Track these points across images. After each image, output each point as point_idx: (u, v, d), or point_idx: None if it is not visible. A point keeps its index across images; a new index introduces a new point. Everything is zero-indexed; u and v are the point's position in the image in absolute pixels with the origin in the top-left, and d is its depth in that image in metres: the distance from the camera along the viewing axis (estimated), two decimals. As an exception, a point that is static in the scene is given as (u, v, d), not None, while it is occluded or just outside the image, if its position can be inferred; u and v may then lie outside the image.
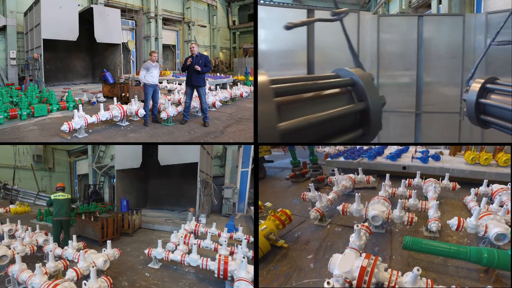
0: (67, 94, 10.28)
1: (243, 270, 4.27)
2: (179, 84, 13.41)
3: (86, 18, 15.49)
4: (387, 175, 6.66)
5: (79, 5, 15.30)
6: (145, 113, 8.44)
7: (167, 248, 5.97)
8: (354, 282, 3.18)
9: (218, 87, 13.54)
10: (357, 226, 3.92)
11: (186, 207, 12.36)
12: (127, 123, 8.51)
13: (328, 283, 3.14)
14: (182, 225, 7.45)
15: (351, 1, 24.34)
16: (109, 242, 5.43)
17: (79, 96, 11.05)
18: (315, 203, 5.70)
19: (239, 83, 14.98)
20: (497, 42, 5.23)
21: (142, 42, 22.37)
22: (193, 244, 5.53)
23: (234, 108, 11.16)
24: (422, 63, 8.71)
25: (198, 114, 9.42)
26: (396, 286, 3.20)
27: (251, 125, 8.64)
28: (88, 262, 4.75)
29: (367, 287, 3.16)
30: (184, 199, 13.71)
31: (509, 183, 5.70)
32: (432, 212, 4.90)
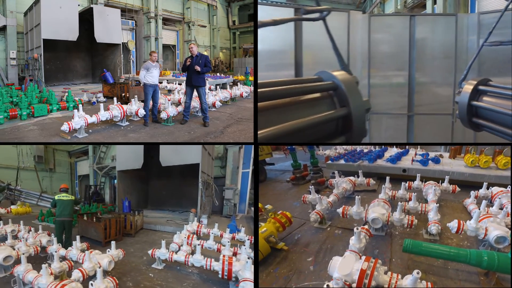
0: (67, 94, 10.27)
1: (248, 270, 4.29)
2: (179, 84, 13.40)
3: (86, 18, 15.47)
4: (387, 178, 6.65)
5: (79, 5, 15.28)
6: (145, 113, 8.43)
7: (170, 249, 5.99)
8: (354, 285, 3.16)
9: (218, 87, 13.53)
10: (357, 229, 3.91)
11: (187, 208, 12.38)
12: (127, 123, 8.51)
13: (328, 286, 3.14)
14: (184, 225, 7.46)
15: (346, 0, 24.26)
16: (113, 243, 5.45)
17: (79, 96, 11.04)
18: (315, 205, 5.69)
19: (239, 83, 14.97)
20: (489, 43, 5.17)
21: (142, 42, 22.35)
22: (196, 244, 5.54)
23: (234, 108, 11.15)
24: (414, 63, 8.56)
25: (198, 114, 9.41)
26: (396, 289, 3.19)
27: (251, 125, 8.64)
28: (93, 262, 4.76)
29: (366, 291, 3.15)
30: (185, 200, 13.71)
31: (509, 186, 5.70)
32: (432, 215, 4.89)
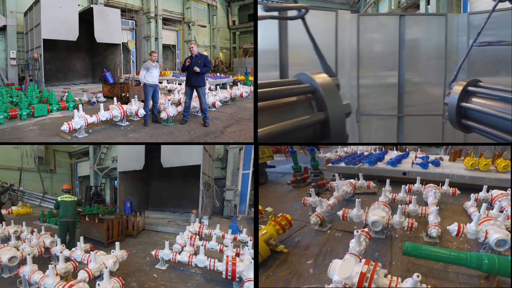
0: (67, 94, 10.26)
1: (252, 271, 4.29)
2: (179, 84, 13.39)
3: (86, 18, 15.44)
4: (388, 181, 6.66)
5: (79, 5, 15.25)
6: (145, 113, 8.43)
7: (174, 250, 6.00)
8: (354, 288, 3.17)
9: (218, 87, 13.53)
10: (357, 232, 3.90)
11: (188, 209, 12.41)
12: (127, 123, 8.51)
13: (327, 289, 3.14)
14: (187, 226, 7.49)
15: (340, 0, 24.19)
16: (117, 244, 5.48)
17: (79, 96, 11.03)
18: (315, 208, 5.69)
19: (239, 83, 14.97)
20: (478, 43, 5.16)
21: (142, 42, 22.33)
22: (199, 245, 5.55)
23: (234, 108, 11.15)
24: (404, 64, 8.43)
25: (198, 114, 9.40)
26: (396, 293, 3.19)
27: (251, 125, 8.64)
28: (99, 263, 4.77)
29: (366, 293, 3.15)
30: (185, 201, 13.72)
31: (508, 189, 5.70)
32: (432, 218, 4.89)
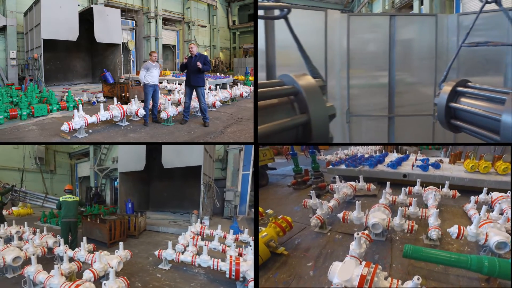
0: (67, 94, 10.26)
1: None
2: (179, 84, 13.38)
3: (86, 18, 15.44)
4: (388, 183, 6.64)
5: (79, 5, 15.26)
6: (145, 113, 8.44)
7: (176, 250, 6.02)
8: (354, 291, 3.17)
9: (218, 87, 13.54)
10: (357, 234, 3.90)
11: (188, 209, 12.43)
12: (127, 123, 8.51)
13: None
14: (189, 227, 7.51)
15: (334, 0, 24.20)
16: (121, 244, 5.50)
17: (79, 96, 11.03)
18: (316, 210, 5.69)
19: (239, 83, 14.97)
20: (467, 44, 5.18)
21: (142, 42, 22.32)
22: (202, 245, 5.56)
23: (234, 108, 11.15)
24: (395, 64, 8.40)
25: (198, 114, 9.40)
26: (396, 295, 3.19)
27: (251, 125, 8.64)
28: (104, 263, 4.78)
29: (367, 296, 3.14)
30: (186, 201, 13.72)
31: (508, 191, 5.70)
32: (432, 220, 4.90)
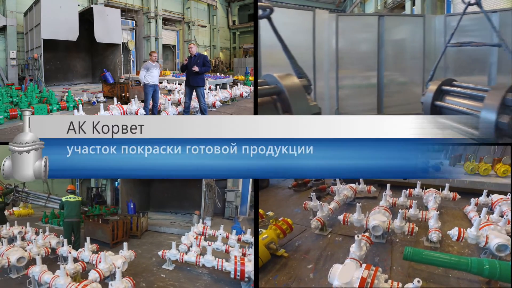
0: (67, 94, 10.22)
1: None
2: (179, 84, 13.35)
3: (86, 18, 15.41)
4: (388, 185, 6.66)
5: (79, 5, 15.25)
6: (145, 113, 8.43)
7: (180, 250, 6.00)
8: (354, 294, 3.18)
9: (218, 87, 13.52)
10: (357, 236, 3.92)
11: (189, 210, 12.40)
12: (127, 124, 8.49)
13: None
14: (191, 227, 7.51)
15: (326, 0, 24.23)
16: (125, 244, 5.47)
17: (79, 96, 10.98)
18: (316, 212, 5.69)
19: (239, 83, 14.93)
20: (451, 44, 5.23)
21: (142, 42, 22.30)
22: (205, 246, 5.57)
23: (234, 108, 11.10)
24: (383, 64, 8.40)
25: (198, 114, 9.40)
26: (397, 298, 3.20)
27: (251, 125, 8.61)
28: (109, 263, 4.78)
29: (367, 299, 3.15)
30: (187, 202, 13.69)
31: (508, 193, 5.71)
32: (433, 222, 4.90)
